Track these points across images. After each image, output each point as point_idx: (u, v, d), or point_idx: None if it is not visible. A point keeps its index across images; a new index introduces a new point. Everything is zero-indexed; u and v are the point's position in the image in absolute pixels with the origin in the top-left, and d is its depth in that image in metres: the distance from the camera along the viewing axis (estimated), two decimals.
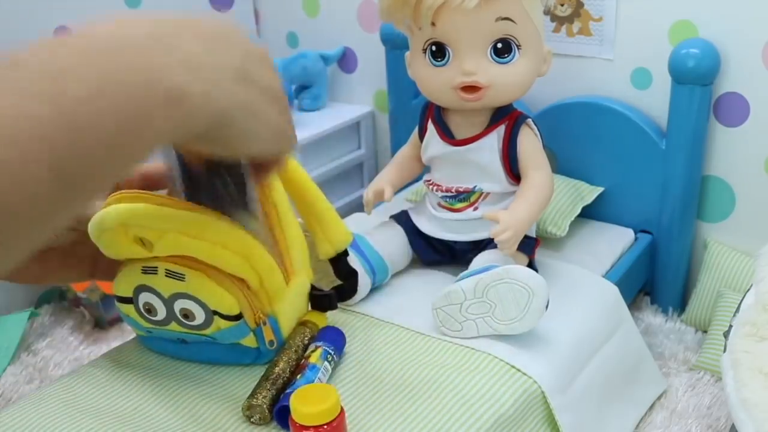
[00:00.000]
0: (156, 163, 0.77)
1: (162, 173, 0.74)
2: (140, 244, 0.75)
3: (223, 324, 0.78)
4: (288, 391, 0.76)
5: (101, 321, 1.33)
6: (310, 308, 0.89)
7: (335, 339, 0.85)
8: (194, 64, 0.48)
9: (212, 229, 0.74)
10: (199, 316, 0.78)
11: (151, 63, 0.45)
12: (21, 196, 0.35)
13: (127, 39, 0.47)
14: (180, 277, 0.76)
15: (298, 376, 0.78)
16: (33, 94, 0.38)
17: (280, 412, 0.75)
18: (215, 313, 0.77)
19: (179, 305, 0.78)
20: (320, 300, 0.88)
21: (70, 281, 1.05)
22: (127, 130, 0.42)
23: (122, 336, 1.29)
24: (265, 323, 0.80)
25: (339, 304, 0.92)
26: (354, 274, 0.93)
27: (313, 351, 0.82)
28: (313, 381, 0.77)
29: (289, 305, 0.83)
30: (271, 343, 0.82)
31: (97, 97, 0.40)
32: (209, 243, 0.74)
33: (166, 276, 0.76)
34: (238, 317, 0.78)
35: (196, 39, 0.51)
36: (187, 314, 0.78)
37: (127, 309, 0.81)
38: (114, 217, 0.71)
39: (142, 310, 0.80)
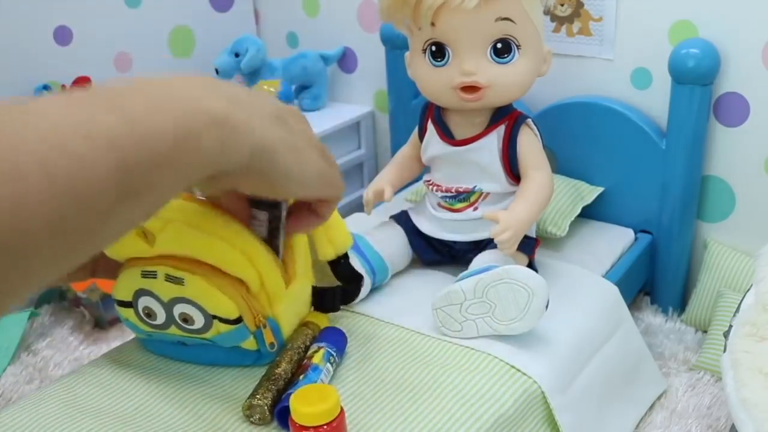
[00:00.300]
0: None
1: None
2: (143, 237, 0.75)
3: (223, 328, 0.78)
4: (289, 391, 0.76)
5: (101, 321, 1.33)
6: (312, 308, 0.89)
7: (337, 340, 0.85)
8: (235, 98, 0.51)
9: (215, 221, 0.74)
10: (199, 321, 0.78)
11: (196, 92, 0.49)
12: (89, 190, 0.38)
13: (172, 78, 0.51)
14: (179, 281, 0.76)
15: (301, 377, 0.78)
16: (102, 105, 0.41)
17: (281, 413, 0.75)
18: (214, 317, 0.77)
19: (178, 309, 0.78)
20: (323, 296, 0.88)
21: (72, 281, 1.06)
22: (182, 145, 0.45)
23: (122, 336, 1.29)
24: (265, 326, 0.80)
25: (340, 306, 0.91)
26: (357, 276, 0.93)
27: (315, 351, 0.82)
28: (315, 382, 0.77)
29: (290, 307, 0.83)
30: (272, 345, 0.82)
31: (155, 112, 0.44)
32: (211, 236, 0.74)
33: (165, 280, 0.76)
34: (238, 321, 0.78)
35: (236, 86, 0.55)
36: (187, 318, 0.78)
37: (127, 313, 0.81)
38: None
39: (142, 314, 0.80)
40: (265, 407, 0.75)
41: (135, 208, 0.43)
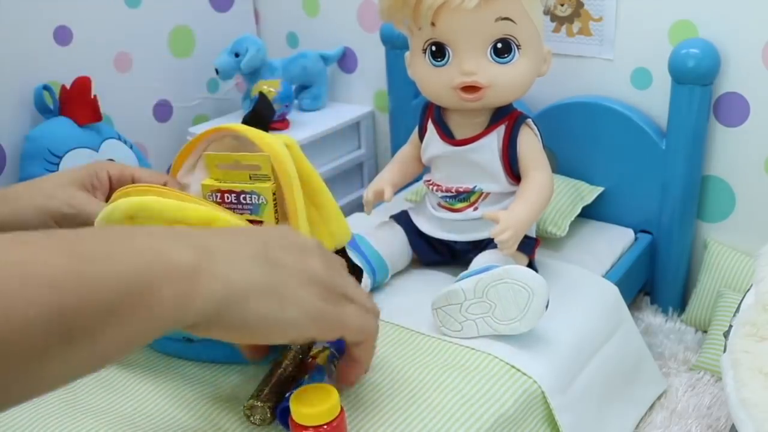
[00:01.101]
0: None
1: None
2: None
3: None
4: (292, 391, 0.76)
5: None
6: None
7: (340, 341, 0.85)
8: (205, 247, 0.49)
9: (221, 222, 0.74)
10: None
11: (161, 243, 0.47)
12: (15, 327, 0.37)
13: (140, 228, 0.50)
14: None
15: (305, 377, 0.78)
16: (55, 247, 0.41)
17: (283, 412, 0.75)
18: None
19: None
20: None
21: None
22: (132, 297, 0.43)
23: None
24: None
25: None
26: (357, 270, 0.93)
27: (320, 351, 0.81)
28: (320, 383, 0.77)
29: None
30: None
31: (107, 259, 0.43)
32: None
33: None
34: None
35: (215, 232, 0.53)
36: None
37: None
38: (122, 210, 0.70)
39: None
40: (266, 408, 0.75)
41: (77, 355, 0.41)
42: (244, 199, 0.80)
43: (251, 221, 0.81)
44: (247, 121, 0.79)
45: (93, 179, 0.79)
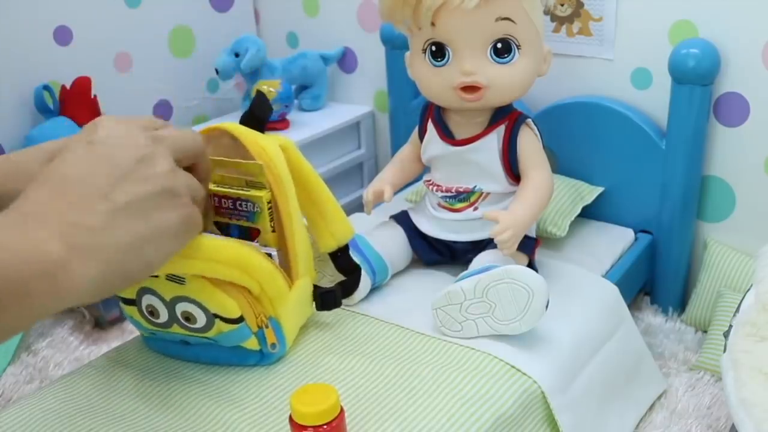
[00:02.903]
0: None
1: None
2: None
3: (225, 327, 0.78)
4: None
5: (101, 321, 1.33)
6: (315, 309, 0.89)
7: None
8: (68, 230, 0.50)
9: (206, 247, 0.73)
10: (200, 319, 0.78)
11: (27, 238, 0.48)
12: None
13: (8, 217, 0.49)
14: (180, 280, 0.76)
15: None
16: None
17: None
18: (216, 316, 0.77)
19: (180, 308, 0.78)
20: (325, 297, 0.88)
21: None
22: (6, 295, 0.44)
23: (122, 336, 1.29)
24: (267, 326, 0.80)
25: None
26: (357, 268, 0.93)
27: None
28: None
29: (293, 308, 0.84)
30: (273, 345, 0.82)
31: None
32: (207, 261, 0.74)
33: (166, 279, 0.76)
34: (239, 320, 0.78)
35: (64, 197, 0.52)
36: (189, 317, 0.78)
37: (131, 311, 0.81)
38: None
39: (145, 312, 0.80)
40: None
41: None
42: (240, 205, 0.80)
43: (247, 228, 0.81)
44: (243, 120, 0.78)
45: None
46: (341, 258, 0.91)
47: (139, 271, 0.56)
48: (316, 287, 0.88)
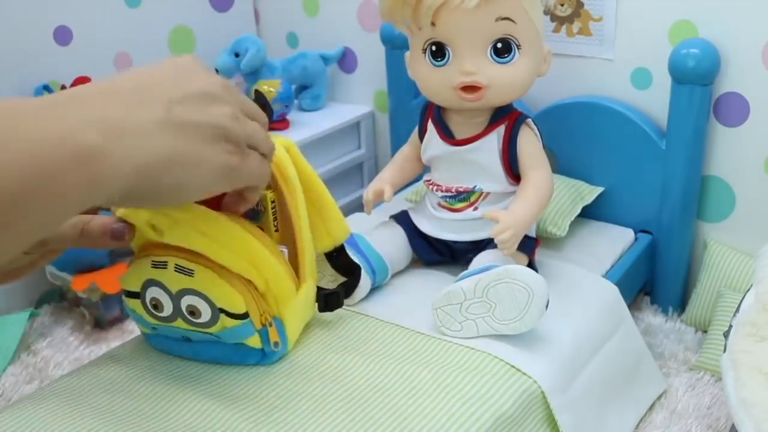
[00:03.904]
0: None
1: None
2: (152, 229, 0.75)
3: (229, 322, 0.78)
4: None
5: (101, 321, 1.33)
6: (318, 310, 0.89)
7: None
8: (109, 123, 0.47)
9: (222, 229, 0.74)
10: (205, 314, 0.78)
11: (61, 124, 0.44)
12: None
13: (42, 101, 0.46)
14: (189, 272, 0.76)
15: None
16: None
17: None
18: (221, 310, 0.77)
19: (186, 301, 0.78)
20: (329, 299, 0.88)
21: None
22: (33, 189, 0.41)
23: (122, 336, 1.29)
24: (270, 324, 0.80)
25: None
26: (356, 267, 0.93)
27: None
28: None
29: (298, 311, 0.84)
30: (276, 344, 0.82)
31: (3, 150, 0.40)
32: (216, 242, 0.75)
33: (175, 271, 0.76)
34: (244, 316, 0.78)
35: (116, 96, 0.50)
36: (194, 311, 0.78)
37: (134, 304, 0.82)
38: (144, 219, 0.72)
39: (149, 305, 0.81)
40: None
41: None
42: None
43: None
44: None
45: None
46: (337, 258, 0.91)
47: (169, 192, 0.54)
48: (319, 288, 0.88)
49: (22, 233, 0.43)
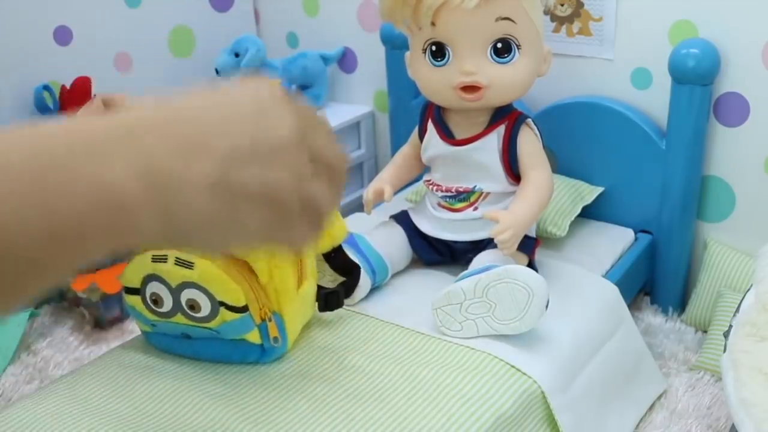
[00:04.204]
0: None
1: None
2: None
3: (228, 316, 0.78)
4: None
5: (101, 321, 1.33)
6: (318, 310, 0.89)
7: None
8: (156, 171, 0.42)
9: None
10: (205, 307, 0.78)
11: (109, 173, 0.40)
12: None
13: (98, 135, 0.42)
14: (189, 265, 0.76)
15: None
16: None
17: None
18: (221, 304, 0.78)
19: (186, 295, 0.78)
20: (329, 298, 0.88)
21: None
22: (62, 241, 0.39)
23: (122, 336, 1.29)
24: (270, 319, 0.80)
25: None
26: (355, 266, 0.93)
27: None
28: None
29: (298, 308, 0.84)
30: (275, 339, 0.82)
31: (31, 201, 0.38)
32: None
33: (175, 264, 0.77)
34: (244, 309, 0.78)
35: (173, 138, 0.44)
36: (194, 305, 0.79)
37: (134, 300, 0.82)
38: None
39: (149, 301, 0.81)
40: None
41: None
42: None
43: None
44: None
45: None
46: (335, 258, 0.92)
47: (194, 246, 0.49)
48: (319, 287, 0.88)
49: (42, 279, 0.40)
